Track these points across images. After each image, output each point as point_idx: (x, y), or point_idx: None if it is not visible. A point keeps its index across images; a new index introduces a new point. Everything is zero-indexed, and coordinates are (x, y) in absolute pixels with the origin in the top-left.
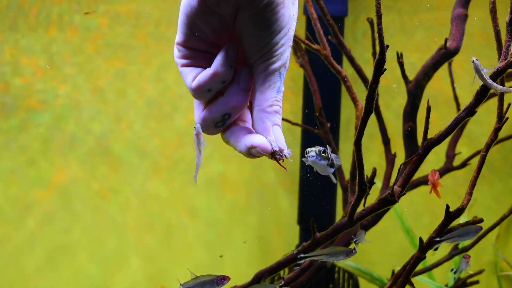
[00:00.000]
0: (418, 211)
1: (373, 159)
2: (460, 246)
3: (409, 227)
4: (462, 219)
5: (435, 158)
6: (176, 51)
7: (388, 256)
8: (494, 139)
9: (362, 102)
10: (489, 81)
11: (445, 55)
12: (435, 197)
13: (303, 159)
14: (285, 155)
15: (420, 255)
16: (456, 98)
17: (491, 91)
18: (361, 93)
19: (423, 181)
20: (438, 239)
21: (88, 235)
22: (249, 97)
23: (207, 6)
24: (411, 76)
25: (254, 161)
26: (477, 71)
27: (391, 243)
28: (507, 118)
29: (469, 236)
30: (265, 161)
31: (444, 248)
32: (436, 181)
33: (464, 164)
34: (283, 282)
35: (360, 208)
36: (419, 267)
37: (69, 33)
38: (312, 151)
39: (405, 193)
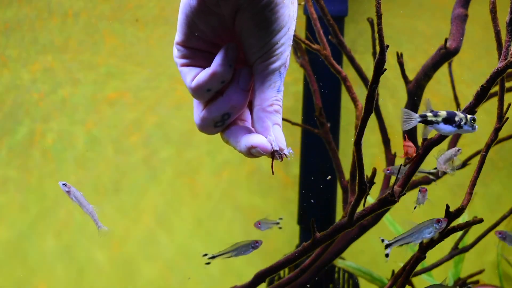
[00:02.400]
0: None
1: (373, 159)
2: (460, 246)
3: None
4: (460, 219)
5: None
6: (176, 51)
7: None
8: (494, 139)
9: (362, 102)
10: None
11: (445, 55)
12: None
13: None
14: (285, 154)
15: (420, 255)
16: (456, 98)
17: (492, 91)
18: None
19: (423, 181)
20: (387, 242)
21: None
22: (248, 97)
23: (207, 5)
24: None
25: (253, 161)
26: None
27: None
28: (507, 118)
29: (426, 232)
30: (265, 161)
31: (444, 248)
32: (411, 152)
33: (464, 164)
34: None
35: (360, 208)
36: (419, 267)
37: None
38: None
39: (405, 193)
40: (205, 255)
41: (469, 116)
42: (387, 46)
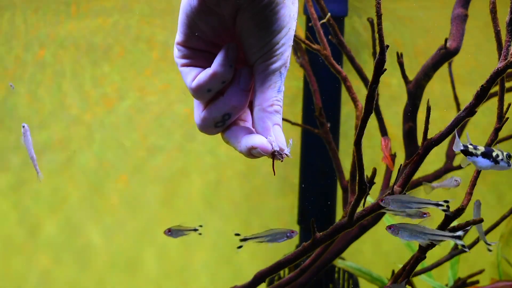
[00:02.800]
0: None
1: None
2: (460, 246)
3: None
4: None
5: (435, 158)
6: (176, 51)
7: (388, 256)
8: (494, 139)
9: (362, 102)
10: None
11: (445, 55)
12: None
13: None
14: (285, 155)
15: (420, 255)
16: (456, 98)
17: (491, 91)
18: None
19: (423, 181)
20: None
21: None
22: (249, 97)
23: (207, 5)
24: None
25: (253, 161)
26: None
27: (391, 243)
28: (507, 118)
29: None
30: (265, 161)
31: (444, 248)
32: (388, 150)
33: None
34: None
35: (360, 208)
36: (419, 267)
37: None
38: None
39: (405, 193)
40: (238, 234)
41: (505, 153)
42: (387, 46)
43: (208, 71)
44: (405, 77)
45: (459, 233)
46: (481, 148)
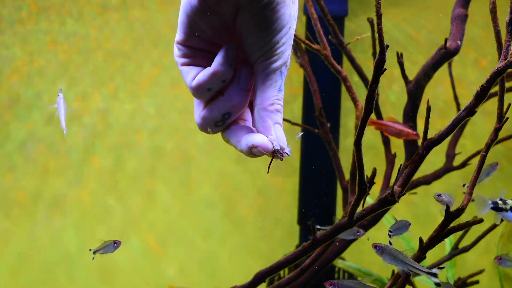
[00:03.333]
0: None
1: (373, 158)
2: (460, 246)
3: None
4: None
5: (435, 158)
6: (176, 50)
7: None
8: (494, 139)
9: (362, 102)
10: None
11: (445, 55)
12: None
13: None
14: (286, 154)
15: (420, 255)
16: (456, 98)
17: (491, 90)
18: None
19: (423, 181)
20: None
21: None
22: (249, 96)
23: (208, 5)
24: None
25: (253, 161)
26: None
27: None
28: (507, 118)
29: None
30: (264, 161)
31: (444, 248)
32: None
33: (464, 164)
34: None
35: (360, 208)
36: None
37: None
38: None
39: (405, 193)
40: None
41: None
42: (387, 46)
43: (208, 70)
44: (405, 77)
45: (434, 270)
46: (510, 202)
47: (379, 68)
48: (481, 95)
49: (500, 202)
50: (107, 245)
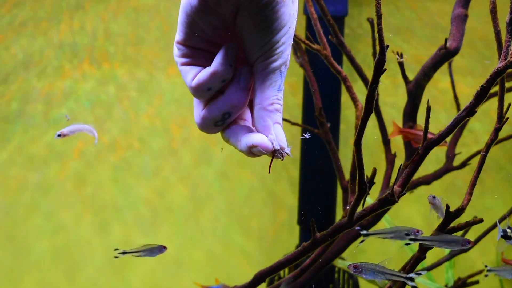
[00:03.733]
0: (411, 214)
1: (373, 159)
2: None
3: None
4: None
5: (435, 158)
6: (176, 50)
7: (388, 256)
8: (494, 139)
9: (362, 102)
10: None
11: (445, 55)
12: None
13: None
14: (286, 153)
15: (420, 255)
16: (456, 98)
17: (492, 90)
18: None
19: (423, 181)
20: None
21: None
22: (249, 96)
23: (207, 4)
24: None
25: (253, 161)
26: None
27: (390, 243)
28: (507, 118)
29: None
30: (264, 161)
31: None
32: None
33: (464, 164)
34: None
35: (360, 208)
36: (419, 267)
37: None
38: None
39: (405, 193)
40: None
41: None
42: (387, 46)
43: (208, 70)
44: (405, 77)
45: (411, 275)
46: None
47: (379, 68)
48: (481, 95)
49: (509, 230)
50: (150, 249)
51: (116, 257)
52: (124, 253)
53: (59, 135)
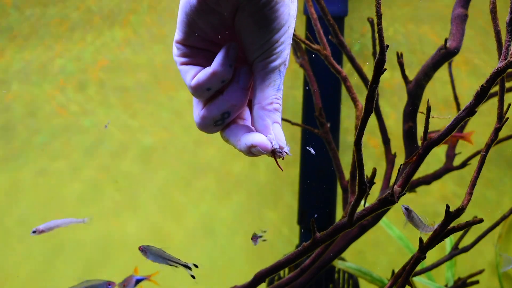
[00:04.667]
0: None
1: (373, 159)
2: (460, 246)
3: (401, 234)
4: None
5: (435, 158)
6: (175, 50)
7: (388, 256)
8: (494, 139)
9: (362, 102)
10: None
11: (445, 55)
12: (429, 199)
13: None
14: (286, 153)
15: (420, 255)
16: (456, 98)
17: (492, 90)
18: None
19: (423, 181)
20: None
21: None
22: (248, 95)
23: (207, 4)
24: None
25: (253, 161)
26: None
27: (391, 243)
28: (507, 118)
29: None
30: (264, 161)
31: (444, 248)
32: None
33: (464, 164)
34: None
35: (360, 208)
36: (419, 267)
37: None
38: None
39: (405, 193)
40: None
41: None
42: (387, 46)
43: (208, 70)
44: (405, 77)
45: (189, 264)
46: None
47: (379, 68)
48: (481, 95)
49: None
50: (94, 285)
51: None
52: None
53: (34, 232)
